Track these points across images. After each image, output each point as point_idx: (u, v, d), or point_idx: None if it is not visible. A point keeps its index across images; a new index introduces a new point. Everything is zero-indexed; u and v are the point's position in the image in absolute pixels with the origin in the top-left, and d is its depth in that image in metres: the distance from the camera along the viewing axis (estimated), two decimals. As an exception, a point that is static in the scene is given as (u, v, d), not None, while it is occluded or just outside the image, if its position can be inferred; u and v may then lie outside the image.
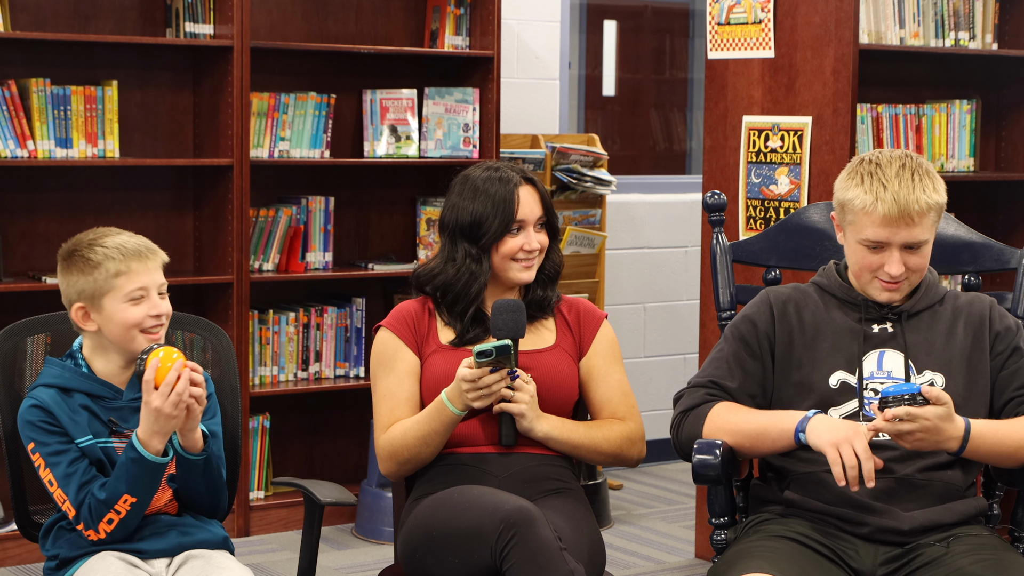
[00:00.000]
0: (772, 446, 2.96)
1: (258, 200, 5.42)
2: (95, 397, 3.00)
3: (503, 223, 3.25)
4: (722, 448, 2.93)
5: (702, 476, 2.95)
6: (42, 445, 2.95)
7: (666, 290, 6.61)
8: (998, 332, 3.04)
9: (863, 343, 3.01)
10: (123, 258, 2.97)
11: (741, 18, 4.93)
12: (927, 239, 2.96)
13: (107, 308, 2.97)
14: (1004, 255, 3.36)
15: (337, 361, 5.60)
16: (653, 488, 6.10)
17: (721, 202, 3.47)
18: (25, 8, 5.13)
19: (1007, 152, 5.59)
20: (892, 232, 2.93)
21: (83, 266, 2.98)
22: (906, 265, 2.96)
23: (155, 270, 3.02)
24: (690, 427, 3.02)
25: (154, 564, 2.98)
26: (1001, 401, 3.02)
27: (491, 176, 3.29)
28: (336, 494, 3.14)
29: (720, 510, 3.13)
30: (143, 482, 2.90)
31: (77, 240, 3.03)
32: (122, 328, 2.98)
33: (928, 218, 2.94)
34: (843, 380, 3.00)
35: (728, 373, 3.05)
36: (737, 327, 3.10)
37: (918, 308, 3.05)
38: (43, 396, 2.97)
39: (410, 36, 5.79)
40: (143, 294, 2.99)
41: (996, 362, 3.03)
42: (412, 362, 3.27)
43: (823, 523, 2.94)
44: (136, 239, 3.03)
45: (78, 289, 2.99)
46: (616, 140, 7.04)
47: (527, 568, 2.86)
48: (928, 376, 3.00)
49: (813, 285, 3.13)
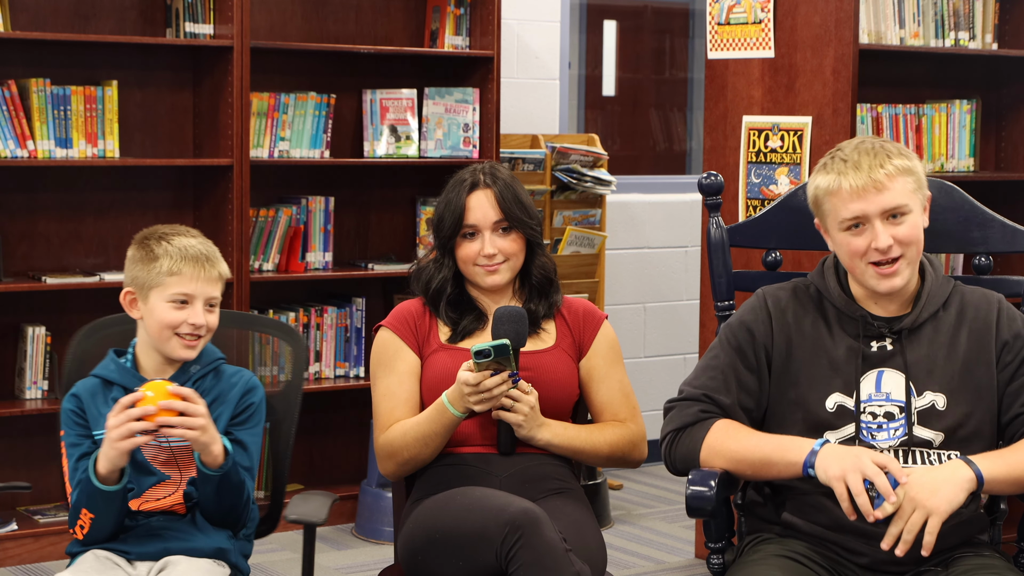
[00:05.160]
0: (776, 476, 2.87)
1: (258, 200, 5.42)
2: (129, 391, 3.00)
3: (452, 226, 3.27)
4: (717, 480, 2.83)
5: (697, 510, 2.84)
6: (67, 435, 3.01)
7: (666, 290, 6.61)
8: (1006, 341, 2.91)
9: (861, 363, 2.90)
10: (180, 260, 3.01)
11: (741, 18, 4.93)
12: (906, 204, 2.84)
13: (151, 302, 3.02)
14: (1016, 237, 3.20)
15: (337, 361, 5.60)
16: (653, 488, 6.10)
17: (717, 184, 3.32)
18: (25, 8, 5.13)
19: (1007, 152, 5.59)
20: (865, 202, 2.82)
21: (145, 255, 3.04)
22: (894, 238, 2.83)
23: (208, 280, 3.04)
24: (685, 448, 2.93)
25: (138, 567, 2.99)
26: (1008, 416, 2.91)
27: (457, 178, 3.32)
28: (304, 510, 3.07)
29: (716, 536, 3.05)
30: (96, 503, 2.93)
31: (153, 229, 3.09)
32: (159, 326, 3.02)
33: (899, 181, 2.83)
34: (840, 404, 2.89)
35: (723, 386, 2.93)
36: (734, 334, 2.97)
37: (920, 321, 2.92)
38: (83, 386, 3.05)
39: (410, 36, 5.79)
40: (187, 300, 3.01)
41: (1004, 375, 2.91)
42: (412, 362, 3.27)
43: (822, 547, 2.88)
44: (203, 246, 3.07)
45: (133, 275, 3.05)
46: (616, 140, 7.04)
47: (534, 570, 2.86)
48: (929, 398, 2.89)
49: (813, 288, 3.00)
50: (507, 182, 3.28)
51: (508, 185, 3.28)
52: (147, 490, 3.02)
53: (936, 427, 2.87)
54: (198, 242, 3.07)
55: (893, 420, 2.88)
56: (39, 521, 5.05)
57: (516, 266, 3.30)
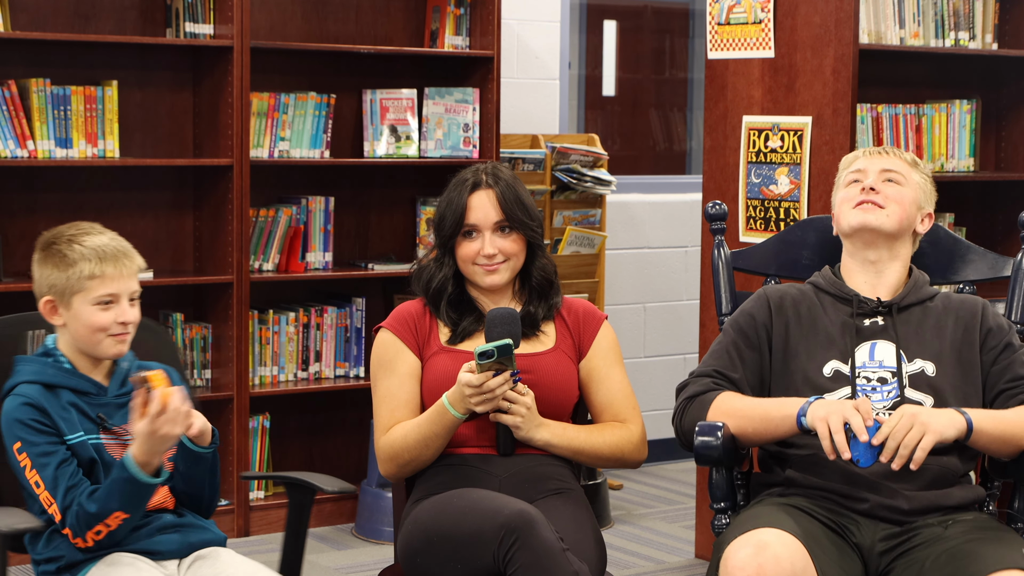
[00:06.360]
0: (775, 432, 3.01)
1: (258, 200, 5.42)
2: (80, 393, 2.97)
3: (453, 226, 3.27)
4: (723, 430, 2.98)
5: (704, 456, 3.00)
6: (30, 445, 2.89)
7: (666, 290, 6.61)
8: (990, 328, 3.12)
9: (855, 336, 3.09)
10: (99, 261, 2.94)
11: (741, 18, 4.93)
12: (904, 174, 3.18)
13: (75, 307, 2.95)
14: (998, 263, 3.42)
15: (337, 361, 5.60)
16: (653, 488, 6.10)
17: (722, 212, 3.52)
18: (25, 8, 5.13)
19: (1007, 152, 5.59)
20: (869, 160, 3.20)
21: (58, 261, 2.96)
22: (883, 191, 3.14)
23: (129, 276, 2.98)
24: (693, 414, 3.08)
25: (166, 565, 2.96)
26: (992, 394, 3.08)
27: (459, 178, 3.32)
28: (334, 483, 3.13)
29: (721, 495, 3.14)
30: (136, 501, 2.87)
31: (57, 232, 3.00)
32: (88, 330, 2.95)
33: (903, 163, 3.20)
34: (836, 369, 3.08)
35: (730, 363, 3.13)
36: (735, 321, 3.19)
37: (908, 302, 3.14)
38: (31, 393, 2.93)
39: (410, 36, 5.79)
40: (113, 300, 2.96)
41: (987, 358, 3.10)
42: (413, 363, 3.27)
43: (823, 499, 2.99)
44: (116, 242, 2.99)
45: (50, 283, 2.97)
46: (616, 140, 7.04)
47: (532, 572, 2.86)
48: (919, 364, 3.07)
49: (809, 284, 3.22)
50: (509, 183, 3.29)
51: (510, 186, 3.28)
52: None
53: (927, 391, 3.04)
54: (109, 239, 2.99)
55: (886, 384, 3.05)
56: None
57: (516, 267, 3.30)
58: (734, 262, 3.53)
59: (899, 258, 3.18)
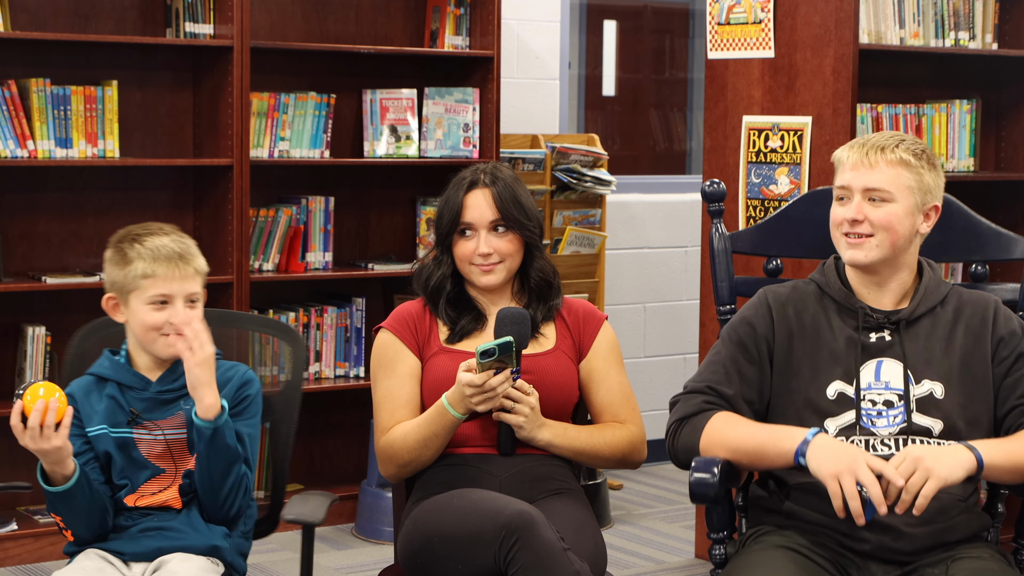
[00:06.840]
0: (770, 465, 2.91)
1: (258, 200, 5.42)
2: (124, 387, 3.03)
3: (450, 224, 3.27)
4: (720, 466, 2.86)
5: (700, 496, 2.87)
6: None
7: (666, 290, 6.61)
8: (1001, 337, 2.97)
9: (860, 353, 2.96)
10: (153, 261, 2.99)
11: (741, 18, 4.93)
12: (888, 191, 2.93)
13: (132, 305, 3.02)
14: (1010, 244, 3.28)
15: (337, 361, 5.60)
16: (653, 488, 6.10)
17: (720, 191, 3.39)
18: (25, 8, 5.13)
19: (1007, 152, 5.59)
20: (854, 175, 2.96)
21: (119, 259, 3.02)
22: (866, 217, 2.93)
23: (185, 278, 3.01)
24: (687, 437, 2.96)
25: (132, 568, 2.98)
26: (1005, 408, 2.95)
27: (459, 177, 3.32)
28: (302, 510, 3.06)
29: (719, 525, 3.06)
30: (56, 506, 2.95)
31: (126, 231, 3.06)
32: (142, 328, 3.01)
33: (891, 170, 2.94)
34: (840, 391, 2.94)
35: (725, 379, 2.98)
36: (735, 329, 3.03)
37: (917, 314, 2.98)
38: (77, 385, 3.05)
39: (410, 36, 5.79)
40: (166, 300, 3.00)
41: (999, 369, 2.96)
42: (413, 364, 3.27)
43: (823, 536, 2.90)
44: (178, 243, 3.04)
45: (111, 280, 3.05)
46: (616, 140, 7.04)
47: (533, 572, 2.86)
48: (927, 386, 2.93)
49: (813, 284, 3.06)
50: (507, 183, 3.28)
51: (508, 186, 3.28)
52: (142, 485, 3.01)
53: (935, 415, 2.91)
54: (171, 240, 3.03)
55: (892, 408, 2.92)
56: (39, 521, 5.05)
57: (512, 267, 3.30)
58: (733, 245, 3.39)
59: (903, 267, 3.00)
